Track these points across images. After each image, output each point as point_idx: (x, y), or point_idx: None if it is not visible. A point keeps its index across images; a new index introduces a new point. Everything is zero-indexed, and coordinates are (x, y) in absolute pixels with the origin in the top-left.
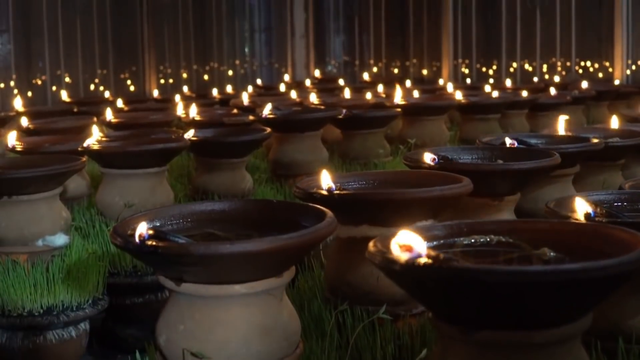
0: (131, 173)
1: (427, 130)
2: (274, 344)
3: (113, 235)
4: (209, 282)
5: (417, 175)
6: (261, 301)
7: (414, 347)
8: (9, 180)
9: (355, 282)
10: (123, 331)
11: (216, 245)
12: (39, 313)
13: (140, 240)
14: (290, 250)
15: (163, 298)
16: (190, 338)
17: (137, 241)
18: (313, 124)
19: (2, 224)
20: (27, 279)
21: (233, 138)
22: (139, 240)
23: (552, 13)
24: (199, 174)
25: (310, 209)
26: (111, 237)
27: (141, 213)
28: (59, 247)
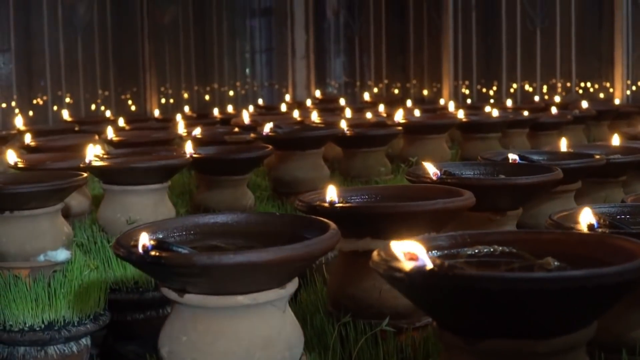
0: (133, 189)
1: (429, 149)
2: (277, 356)
3: (116, 246)
4: (212, 293)
5: (420, 190)
6: (264, 312)
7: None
8: (11, 195)
9: (358, 295)
10: (124, 347)
11: (219, 256)
12: (40, 328)
13: (143, 251)
14: (293, 261)
15: (164, 314)
16: (193, 349)
17: (140, 252)
18: (314, 142)
19: (4, 239)
20: (28, 293)
21: (235, 155)
22: (142, 251)
23: (552, 34)
24: (200, 191)
25: (313, 221)
26: (114, 248)
27: (144, 225)
28: (61, 263)
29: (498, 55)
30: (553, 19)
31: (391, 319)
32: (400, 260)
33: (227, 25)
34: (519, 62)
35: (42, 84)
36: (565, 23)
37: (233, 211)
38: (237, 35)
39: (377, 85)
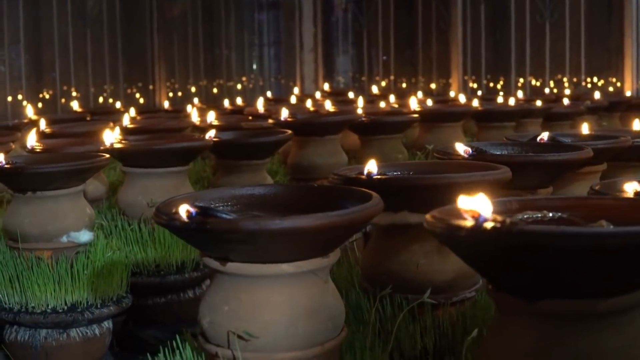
0: (155, 172)
1: (444, 137)
2: (320, 326)
3: (157, 214)
4: (255, 261)
5: (454, 165)
6: (307, 282)
7: (455, 336)
8: (34, 175)
9: (394, 270)
10: (144, 332)
11: (266, 222)
12: (62, 310)
13: (187, 217)
14: (339, 228)
15: (186, 298)
16: (235, 319)
17: (184, 218)
18: (333, 128)
19: (26, 220)
20: (51, 275)
21: (256, 139)
22: (186, 217)
23: (561, 27)
24: (218, 176)
25: (353, 192)
26: (155, 216)
27: (182, 195)
28: (83, 244)
29: (507, 49)
30: (562, 12)
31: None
32: (460, 219)
33: (235, 19)
34: (527, 56)
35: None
36: (574, 16)
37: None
38: (245, 29)
39: (384, 79)
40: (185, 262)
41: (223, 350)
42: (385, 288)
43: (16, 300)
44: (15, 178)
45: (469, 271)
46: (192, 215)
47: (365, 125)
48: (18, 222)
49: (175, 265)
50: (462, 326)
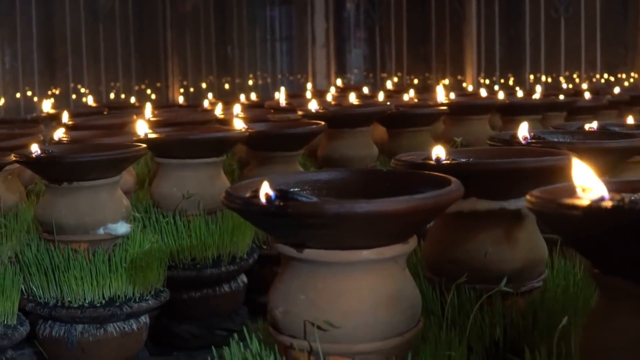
0: (190, 163)
1: (472, 130)
2: (400, 316)
3: (229, 198)
4: (334, 247)
5: (514, 152)
6: (387, 269)
7: (526, 327)
8: (72, 165)
9: (461, 258)
10: (179, 327)
11: (352, 205)
12: (100, 304)
13: (266, 200)
14: (424, 212)
15: (221, 292)
16: (312, 309)
17: (262, 201)
18: (365, 119)
19: (62, 212)
20: (88, 268)
21: (291, 130)
22: (265, 200)
23: (576, 23)
24: (251, 168)
25: (429, 177)
26: (226, 200)
27: (248, 181)
28: (121, 236)
29: (521, 45)
30: (577, 7)
31: (496, 283)
32: (569, 198)
33: (247, 15)
34: (542, 52)
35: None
36: (590, 11)
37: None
38: (257, 25)
39: (397, 75)
40: (221, 255)
41: (299, 341)
42: (450, 277)
43: (52, 295)
44: (51, 168)
45: (536, 259)
46: (271, 198)
47: (394, 117)
48: (53, 214)
49: (211, 259)
50: (532, 316)
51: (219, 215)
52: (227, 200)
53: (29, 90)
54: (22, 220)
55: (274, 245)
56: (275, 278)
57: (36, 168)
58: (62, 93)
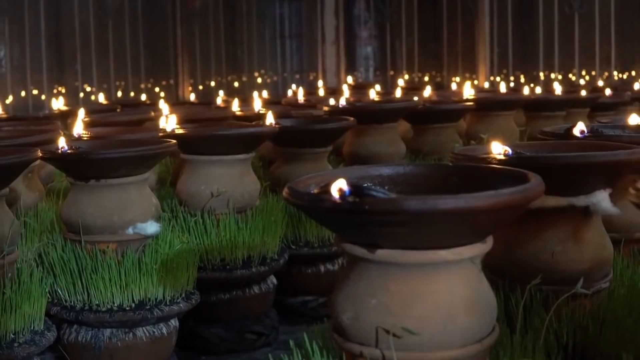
0: (219, 160)
1: (498, 126)
2: (480, 322)
3: (295, 194)
4: (410, 247)
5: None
6: (465, 271)
7: (595, 329)
8: (100, 161)
9: (525, 259)
10: (207, 330)
11: (436, 201)
12: (130, 307)
13: (340, 196)
14: (512, 208)
15: (251, 294)
16: (384, 314)
17: (336, 198)
18: (393, 115)
19: (89, 210)
20: (116, 270)
21: (321, 125)
22: (339, 196)
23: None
24: (278, 165)
25: (504, 172)
26: (292, 196)
27: (310, 175)
28: (150, 236)
29: (535, 42)
30: (591, 3)
31: (563, 284)
32: None
33: (257, 12)
34: (556, 48)
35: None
36: (604, 8)
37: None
38: (266, 22)
39: (409, 72)
40: (251, 255)
41: (370, 349)
42: (513, 278)
43: (78, 298)
44: (79, 164)
45: (603, 259)
46: (345, 194)
47: (420, 113)
48: (80, 213)
49: (241, 259)
50: (601, 318)
51: (249, 214)
52: (292, 197)
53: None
54: (44, 220)
55: (339, 245)
56: (339, 280)
57: (62, 165)
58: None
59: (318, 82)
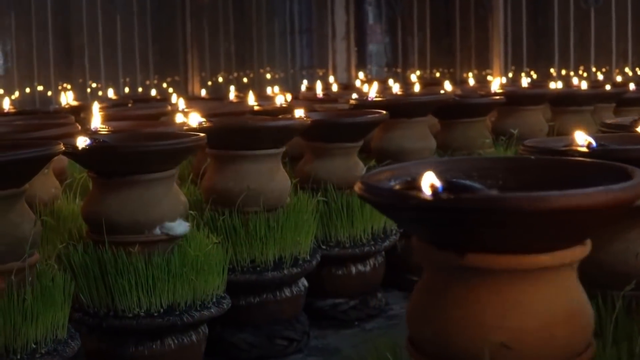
0: (248, 155)
1: (526, 121)
2: (578, 334)
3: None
4: (505, 250)
5: None
6: (564, 277)
7: None
8: (128, 156)
9: (605, 261)
10: (235, 336)
11: (544, 197)
12: (158, 313)
13: (433, 193)
14: (623, 205)
15: (282, 297)
16: (474, 326)
17: (428, 195)
18: (424, 108)
19: (113, 208)
20: (143, 273)
21: (354, 119)
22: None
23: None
24: (307, 161)
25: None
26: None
27: (387, 168)
28: (179, 236)
29: (550, 37)
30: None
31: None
32: None
33: (267, 7)
34: (572, 44)
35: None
36: (620, 2)
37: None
38: (276, 17)
39: (420, 69)
40: (282, 257)
41: None
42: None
43: (102, 303)
44: (103, 159)
45: None
46: (438, 190)
47: (449, 107)
48: (103, 211)
49: (272, 261)
50: None
51: (280, 212)
52: (369, 194)
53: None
54: (62, 219)
55: (419, 248)
56: (418, 288)
57: (85, 159)
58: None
59: (329, 78)
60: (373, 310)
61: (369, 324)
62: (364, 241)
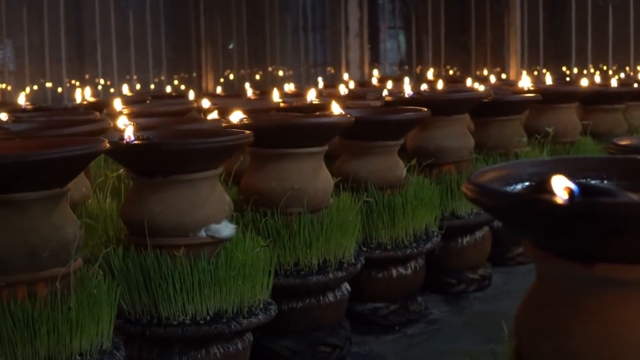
0: (291, 153)
1: (560, 119)
2: None
3: (490, 194)
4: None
5: None
6: None
7: None
8: (172, 154)
9: None
10: (276, 343)
11: None
12: (204, 320)
13: (570, 196)
14: None
15: (326, 303)
16: (599, 343)
17: (563, 198)
18: (463, 106)
19: (156, 209)
20: (189, 277)
21: (396, 116)
22: (568, 196)
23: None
24: (345, 160)
25: None
26: (483, 196)
27: (489, 168)
28: (225, 239)
29: (567, 34)
30: None
31: None
32: None
33: (280, 3)
34: (589, 42)
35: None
36: None
37: None
38: (289, 13)
39: (435, 65)
40: (327, 260)
41: None
42: None
43: (144, 310)
44: (147, 157)
45: None
46: (574, 193)
47: (485, 105)
48: (145, 213)
49: (316, 264)
50: None
51: (324, 213)
52: (486, 197)
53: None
54: (96, 220)
55: (535, 255)
56: (530, 299)
57: (126, 158)
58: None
59: (343, 75)
60: (414, 314)
61: (410, 329)
62: (406, 243)
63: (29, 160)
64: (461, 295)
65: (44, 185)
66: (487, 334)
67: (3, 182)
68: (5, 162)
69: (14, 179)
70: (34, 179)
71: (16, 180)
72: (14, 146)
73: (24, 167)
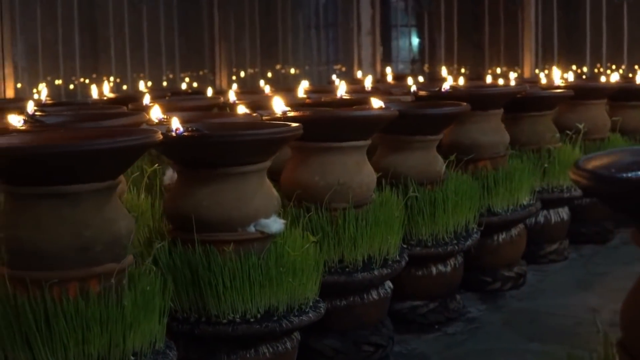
0: (334, 147)
1: (590, 115)
2: None
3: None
4: None
5: None
6: None
7: None
8: (223, 146)
9: None
10: (319, 342)
11: None
12: (255, 319)
13: None
14: None
15: (370, 301)
16: None
17: None
18: (500, 100)
19: (204, 203)
20: (238, 274)
21: (437, 110)
22: None
23: None
24: (383, 155)
25: None
26: (609, 184)
27: (596, 155)
28: (274, 234)
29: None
30: None
31: None
32: None
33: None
34: (604, 39)
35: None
36: None
37: None
38: (300, 11)
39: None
40: (372, 256)
41: None
42: None
43: (192, 308)
44: (196, 149)
45: None
46: None
47: (518, 101)
48: (192, 207)
49: (362, 261)
50: None
51: (369, 209)
52: (605, 184)
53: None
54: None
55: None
56: (636, 291)
57: (174, 150)
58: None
59: (356, 73)
60: (452, 313)
61: (449, 327)
62: (447, 240)
63: (85, 149)
64: (497, 293)
65: (97, 177)
66: (527, 332)
67: (56, 173)
68: (60, 152)
69: (67, 170)
70: (88, 170)
71: (70, 172)
72: (58, 137)
73: (79, 157)
